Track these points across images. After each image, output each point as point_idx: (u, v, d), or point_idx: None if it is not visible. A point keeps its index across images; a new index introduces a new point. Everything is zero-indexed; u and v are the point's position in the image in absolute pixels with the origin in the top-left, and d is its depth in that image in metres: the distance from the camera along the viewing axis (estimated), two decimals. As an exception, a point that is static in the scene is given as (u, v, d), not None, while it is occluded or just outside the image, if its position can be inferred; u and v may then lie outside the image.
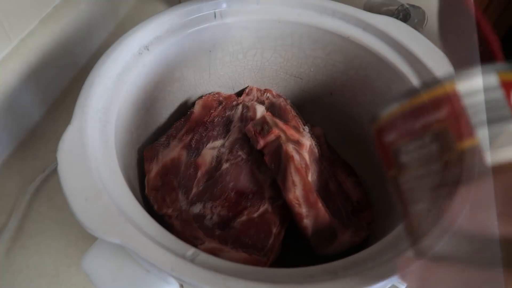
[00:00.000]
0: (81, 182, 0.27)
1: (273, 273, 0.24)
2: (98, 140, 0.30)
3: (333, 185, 0.39)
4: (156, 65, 0.38)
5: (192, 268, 0.24)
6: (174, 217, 0.35)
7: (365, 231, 0.37)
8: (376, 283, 0.23)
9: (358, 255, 0.26)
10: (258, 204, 0.36)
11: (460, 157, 0.16)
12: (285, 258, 0.35)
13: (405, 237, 0.26)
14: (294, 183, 0.34)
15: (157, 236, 0.26)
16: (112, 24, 0.60)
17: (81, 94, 0.31)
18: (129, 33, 0.36)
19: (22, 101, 0.45)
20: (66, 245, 0.40)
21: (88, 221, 0.25)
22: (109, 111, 0.32)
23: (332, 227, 0.34)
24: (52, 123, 0.49)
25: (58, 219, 0.42)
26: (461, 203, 0.16)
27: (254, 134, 0.37)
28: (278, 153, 0.36)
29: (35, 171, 0.44)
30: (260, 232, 0.34)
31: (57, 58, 0.49)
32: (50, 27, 0.48)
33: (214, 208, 0.36)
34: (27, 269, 0.39)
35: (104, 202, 0.26)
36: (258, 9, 0.41)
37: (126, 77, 0.34)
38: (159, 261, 0.24)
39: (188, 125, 0.40)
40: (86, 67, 0.55)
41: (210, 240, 0.33)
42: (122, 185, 0.29)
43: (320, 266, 0.25)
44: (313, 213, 0.34)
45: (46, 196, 0.43)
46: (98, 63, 0.33)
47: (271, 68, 0.46)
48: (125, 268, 0.28)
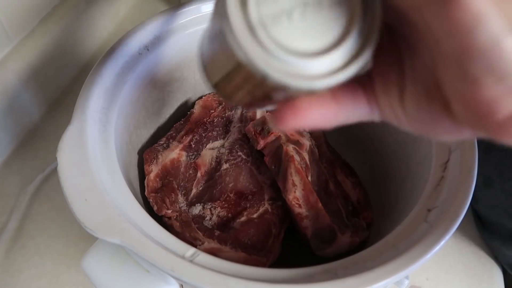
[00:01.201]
0: (81, 182, 0.27)
1: (273, 273, 0.24)
2: (98, 140, 0.30)
3: (333, 186, 0.39)
4: (156, 65, 0.38)
5: (192, 268, 0.24)
6: (173, 218, 0.35)
7: (365, 231, 0.37)
8: (376, 283, 0.23)
9: (358, 255, 0.26)
10: (258, 205, 0.36)
11: None
12: (285, 258, 0.35)
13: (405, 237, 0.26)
14: (294, 184, 0.34)
15: (157, 236, 0.26)
16: (112, 24, 0.60)
17: (81, 94, 0.31)
18: (129, 33, 0.36)
19: (22, 101, 0.45)
20: (66, 245, 0.40)
21: (88, 221, 0.25)
22: (109, 111, 0.32)
23: (332, 228, 0.34)
24: (52, 123, 0.49)
25: (58, 219, 0.42)
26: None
27: (254, 135, 0.37)
28: (278, 153, 0.36)
29: (35, 171, 0.44)
30: (260, 233, 0.34)
31: (57, 58, 0.49)
32: (50, 27, 0.48)
33: (213, 209, 0.36)
34: (27, 269, 0.39)
35: (104, 202, 0.26)
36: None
37: (126, 77, 0.34)
38: (159, 261, 0.24)
39: (188, 126, 0.40)
40: (86, 67, 0.55)
41: (210, 240, 0.33)
42: (122, 185, 0.29)
43: (320, 266, 0.25)
44: (313, 214, 0.34)
45: (46, 196, 0.43)
46: (98, 63, 0.33)
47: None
48: (125, 268, 0.28)
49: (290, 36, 0.16)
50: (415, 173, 0.34)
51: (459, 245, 0.44)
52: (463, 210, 0.26)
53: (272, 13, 0.16)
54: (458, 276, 0.42)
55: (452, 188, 0.28)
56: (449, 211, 0.27)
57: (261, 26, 0.16)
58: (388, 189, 0.39)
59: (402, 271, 0.24)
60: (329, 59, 0.17)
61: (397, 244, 0.26)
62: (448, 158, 0.30)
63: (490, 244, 0.44)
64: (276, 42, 0.16)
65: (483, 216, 0.44)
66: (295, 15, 0.16)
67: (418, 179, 0.32)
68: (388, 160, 0.39)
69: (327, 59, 0.17)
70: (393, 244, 0.26)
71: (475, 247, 0.44)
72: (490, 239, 0.43)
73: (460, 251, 0.44)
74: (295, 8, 0.16)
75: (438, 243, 0.25)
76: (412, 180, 0.34)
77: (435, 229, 0.26)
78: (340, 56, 0.17)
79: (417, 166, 0.33)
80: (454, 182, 0.28)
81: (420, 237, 0.26)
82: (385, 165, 0.39)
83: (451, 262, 0.43)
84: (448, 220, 0.26)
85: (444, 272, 0.42)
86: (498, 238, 0.42)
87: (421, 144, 0.34)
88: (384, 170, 0.40)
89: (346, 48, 0.17)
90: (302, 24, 0.16)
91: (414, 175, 0.33)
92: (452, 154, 0.30)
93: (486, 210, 0.43)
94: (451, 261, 0.43)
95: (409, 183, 0.34)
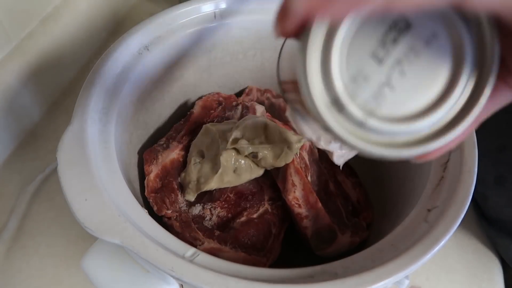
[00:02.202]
0: (81, 182, 0.27)
1: (273, 273, 0.24)
2: (98, 141, 0.30)
3: (333, 186, 0.39)
4: (156, 65, 0.38)
5: (192, 268, 0.24)
6: (173, 218, 0.35)
7: (365, 231, 0.37)
8: (376, 283, 0.23)
9: (358, 255, 0.26)
10: (258, 205, 0.36)
11: None
12: (285, 258, 0.35)
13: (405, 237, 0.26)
14: (294, 184, 0.34)
15: (157, 236, 0.26)
16: (112, 24, 0.60)
17: (81, 94, 0.31)
18: (129, 33, 0.36)
19: (22, 101, 0.45)
20: (66, 245, 0.40)
21: (87, 221, 0.25)
22: (109, 111, 0.32)
23: (332, 228, 0.34)
24: (52, 123, 0.49)
25: (58, 219, 0.42)
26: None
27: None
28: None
29: (35, 171, 0.44)
30: (260, 233, 0.34)
31: (57, 58, 0.49)
32: (50, 27, 0.48)
33: (213, 209, 0.36)
34: (27, 269, 0.39)
35: (104, 202, 0.26)
36: (258, 9, 0.41)
37: (126, 77, 0.34)
38: (159, 261, 0.24)
39: (188, 126, 0.40)
40: (86, 67, 0.55)
41: (210, 240, 0.33)
42: (122, 185, 0.29)
43: (320, 266, 0.25)
44: (313, 214, 0.34)
45: (46, 196, 0.43)
46: (98, 63, 0.33)
47: (271, 68, 0.46)
48: (125, 268, 0.28)
49: (399, 104, 0.15)
50: (415, 173, 0.34)
51: (459, 245, 0.44)
52: (463, 210, 0.26)
53: (372, 93, 0.15)
54: (458, 276, 0.42)
55: (452, 188, 0.28)
56: (449, 211, 0.27)
57: (369, 115, 0.15)
58: (388, 189, 0.39)
59: (402, 271, 0.24)
60: (434, 116, 0.15)
61: (397, 244, 0.26)
62: (448, 158, 0.30)
63: (497, 243, 0.44)
64: (389, 119, 0.15)
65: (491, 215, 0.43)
66: (394, 80, 0.15)
67: (418, 179, 0.32)
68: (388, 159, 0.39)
69: (433, 117, 0.15)
70: (393, 244, 0.26)
71: (475, 247, 0.44)
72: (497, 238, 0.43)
73: (460, 251, 0.44)
74: (391, 73, 0.15)
75: (438, 243, 0.25)
76: (412, 180, 0.34)
77: (435, 229, 0.26)
78: (448, 109, 0.15)
79: (417, 166, 0.33)
80: (454, 182, 0.28)
81: (420, 237, 0.26)
82: (385, 165, 0.39)
83: (451, 262, 0.43)
84: (448, 220, 0.26)
85: (444, 272, 0.42)
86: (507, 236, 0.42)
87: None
88: (384, 170, 0.40)
89: (454, 97, 0.15)
90: (406, 82, 0.15)
91: (414, 175, 0.33)
92: (452, 154, 0.30)
93: (496, 208, 0.42)
94: (451, 261, 0.43)
95: (409, 183, 0.34)
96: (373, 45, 0.15)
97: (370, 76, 0.15)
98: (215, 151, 0.35)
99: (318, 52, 0.15)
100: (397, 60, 0.15)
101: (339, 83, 0.15)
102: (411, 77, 0.15)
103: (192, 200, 0.36)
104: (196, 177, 0.36)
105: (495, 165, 0.41)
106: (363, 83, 0.15)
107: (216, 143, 0.35)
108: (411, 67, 0.15)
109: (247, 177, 0.35)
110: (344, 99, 0.15)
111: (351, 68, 0.15)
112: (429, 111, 0.15)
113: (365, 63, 0.15)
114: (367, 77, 0.15)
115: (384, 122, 0.15)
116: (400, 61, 0.15)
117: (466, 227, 0.45)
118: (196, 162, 0.36)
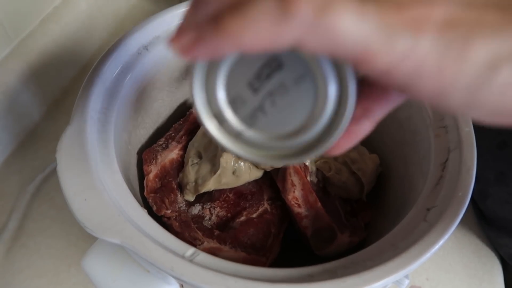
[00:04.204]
0: (81, 182, 0.27)
1: (273, 273, 0.24)
2: (97, 140, 0.30)
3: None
4: (156, 65, 0.38)
5: (192, 268, 0.24)
6: (173, 218, 0.35)
7: (364, 231, 0.37)
8: (375, 282, 0.23)
9: (358, 255, 0.26)
10: (257, 205, 0.36)
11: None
12: (284, 258, 0.35)
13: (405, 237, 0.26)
14: (293, 184, 0.34)
15: (157, 236, 0.26)
16: (112, 24, 0.60)
17: (80, 94, 0.31)
18: (128, 33, 0.36)
19: (22, 101, 0.45)
20: (66, 245, 0.40)
21: (87, 221, 0.25)
22: (109, 111, 0.32)
23: (332, 227, 0.34)
24: (52, 123, 0.49)
25: (58, 219, 0.42)
26: None
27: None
28: (278, 153, 0.36)
29: (35, 171, 0.44)
30: (259, 232, 0.34)
31: (57, 58, 0.49)
32: (50, 27, 0.48)
33: (213, 209, 0.36)
34: (27, 269, 0.39)
35: (104, 202, 0.26)
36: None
37: (126, 77, 0.34)
38: (159, 261, 0.24)
39: (187, 126, 0.40)
40: (86, 67, 0.55)
41: (209, 240, 0.33)
42: (121, 185, 0.29)
43: (320, 266, 0.25)
44: (312, 213, 0.34)
45: (46, 196, 0.43)
46: (97, 63, 0.33)
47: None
48: (125, 268, 0.28)
49: (270, 125, 0.18)
50: (414, 172, 0.34)
51: (459, 245, 0.44)
52: (462, 209, 0.26)
53: (248, 114, 0.18)
54: (458, 276, 0.42)
55: (451, 187, 0.28)
56: (448, 210, 0.27)
57: (245, 130, 0.18)
58: (388, 189, 0.39)
59: (402, 270, 0.24)
60: (303, 136, 0.18)
61: (397, 244, 0.26)
62: (447, 158, 0.30)
63: (496, 241, 0.44)
64: (261, 135, 0.18)
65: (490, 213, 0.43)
66: (266, 107, 0.18)
67: (417, 178, 0.32)
68: (387, 159, 0.39)
69: (299, 138, 0.18)
70: (393, 243, 0.26)
71: (475, 247, 0.44)
72: (497, 237, 0.43)
73: (460, 251, 0.44)
74: (264, 101, 0.18)
75: (437, 242, 0.25)
76: (411, 179, 0.34)
77: (435, 228, 0.26)
78: (315, 130, 0.18)
79: (416, 165, 0.33)
80: (453, 181, 0.28)
81: (420, 236, 0.26)
82: (384, 165, 0.40)
83: (451, 262, 0.43)
84: (448, 219, 0.26)
85: (444, 272, 0.42)
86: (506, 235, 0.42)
87: (420, 144, 0.34)
88: (384, 169, 0.40)
89: (318, 125, 0.18)
90: (276, 110, 0.18)
91: (413, 174, 0.34)
92: (451, 154, 0.30)
93: (496, 206, 0.42)
94: (451, 261, 0.43)
95: (408, 182, 0.34)
96: (251, 76, 0.18)
97: (246, 101, 0.18)
98: (213, 152, 0.35)
99: (203, 78, 0.18)
100: (269, 92, 0.18)
101: (221, 102, 0.18)
102: (281, 107, 0.18)
103: (191, 200, 0.36)
104: (194, 178, 0.36)
105: (496, 162, 0.41)
106: (241, 105, 0.18)
107: (215, 144, 0.36)
108: (281, 99, 0.18)
109: (246, 178, 0.36)
110: (224, 114, 0.18)
111: (232, 92, 0.18)
112: (295, 134, 0.18)
113: (242, 90, 0.18)
114: (244, 101, 0.18)
115: (256, 137, 0.19)
116: (272, 93, 0.18)
117: (466, 227, 0.45)
118: (194, 163, 0.36)
